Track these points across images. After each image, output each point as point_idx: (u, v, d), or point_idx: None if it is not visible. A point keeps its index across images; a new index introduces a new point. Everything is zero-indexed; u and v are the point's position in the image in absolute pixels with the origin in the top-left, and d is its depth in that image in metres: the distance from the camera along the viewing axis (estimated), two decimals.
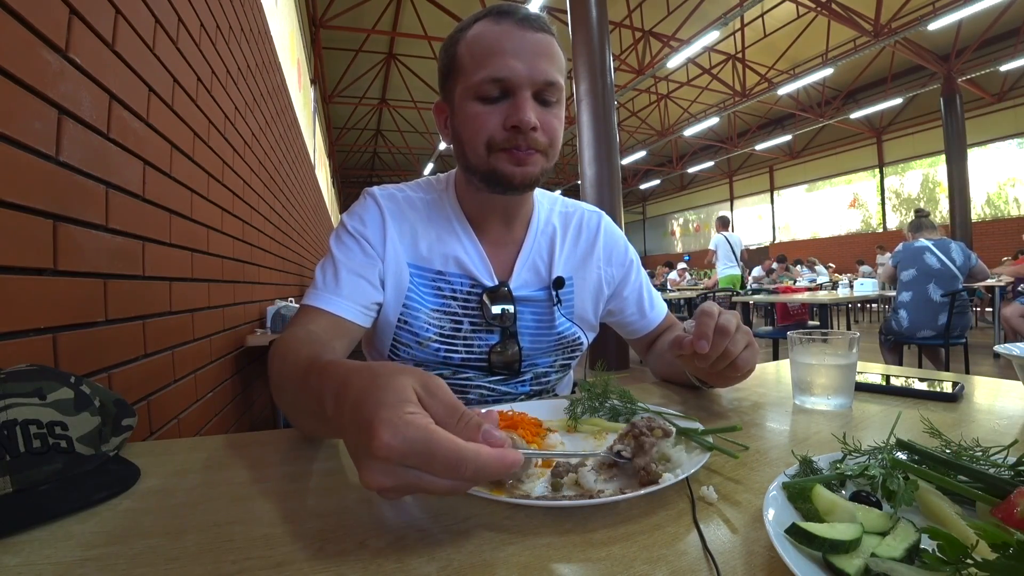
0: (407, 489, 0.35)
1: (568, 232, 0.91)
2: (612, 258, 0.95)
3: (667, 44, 10.54)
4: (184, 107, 1.52)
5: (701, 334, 0.62)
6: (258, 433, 0.65)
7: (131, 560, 0.35)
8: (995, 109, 12.19)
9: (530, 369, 0.88)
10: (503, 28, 0.72)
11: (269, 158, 2.95)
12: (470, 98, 0.72)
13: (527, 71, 0.70)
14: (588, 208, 0.97)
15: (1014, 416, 0.64)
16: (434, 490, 0.34)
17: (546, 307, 0.86)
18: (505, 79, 0.70)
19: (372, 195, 0.84)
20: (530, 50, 0.71)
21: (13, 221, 0.75)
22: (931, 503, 0.36)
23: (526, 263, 0.86)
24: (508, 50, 0.70)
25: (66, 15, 0.90)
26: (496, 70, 0.70)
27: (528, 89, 0.71)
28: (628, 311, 0.97)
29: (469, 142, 0.74)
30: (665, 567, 0.33)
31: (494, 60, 0.70)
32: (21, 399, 0.45)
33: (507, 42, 0.71)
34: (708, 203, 21.10)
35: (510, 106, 0.71)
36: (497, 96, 0.71)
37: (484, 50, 0.71)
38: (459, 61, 0.74)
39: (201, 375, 1.65)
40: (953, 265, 3.34)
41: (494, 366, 0.84)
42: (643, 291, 0.97)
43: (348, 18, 8.83)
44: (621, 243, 0.97)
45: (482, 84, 0.71)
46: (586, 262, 0.91)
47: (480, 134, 0.72)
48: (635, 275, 0.97)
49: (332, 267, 0.77)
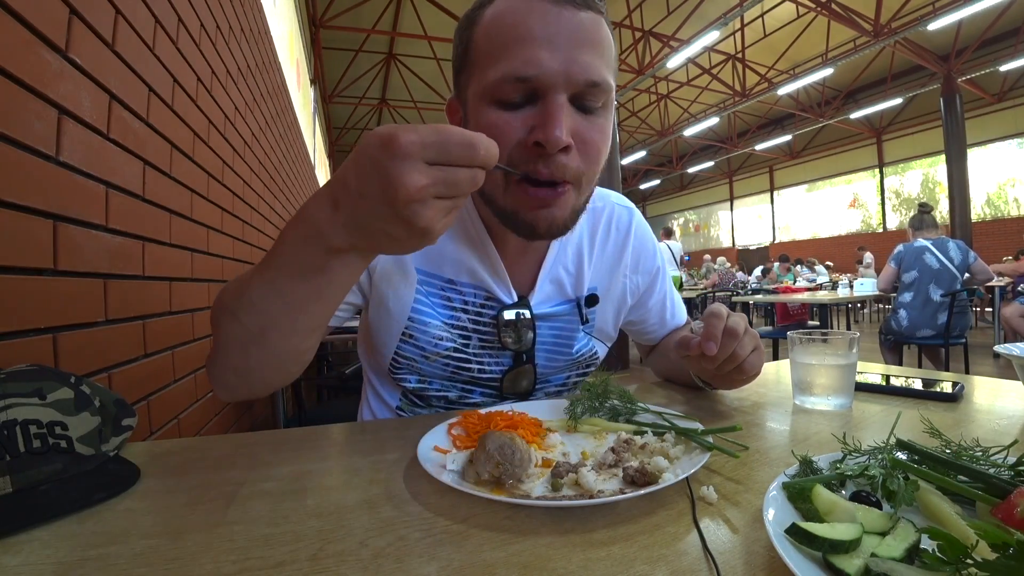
0: (438, 185, 0.35)
1: (597, 234, 0.79)
2: (640, 265, 0.84)
3: (667, 44, 10.54)
4: (184, 107, 1.52)
5: (710, 335, 0.59)
6: (258, 433, 0.65)
7: (131, 560, 0.35)
8: (995, 109, 12.19)
9: (541, 388, 0.81)
10: (534, 5, 0.53)
11: (269, 158, 2.95)
12: (486, 102, 0.56)
13: (562, 66, 0.52)
14: (620, 202, 0.83)
15: (1014, 416, 0.64)
16: (460, 179, 0.36)
17: (567, 321, 0.77)
18: (532, 78, 0.52)
19: None
20: (568, 35, 0.52)
21: (13, 221, 0.75)
22: (931, 503, 0.36)
23: (549, 274, 0.74)
24: (538, 35, 0.52)
25: (66, 15, 0.90)
26: (519, 66, 0.52)
27: (563, 92, 0.53)
28: (650, 321, 0.89)
29: None
30: (665, 567, 0.33)
31: (517, 50, 0.52)
32: (21, 399, 0.45)
33: (536, 23, 0.52)
34: (708, 203, 21.09)
35: (537, 114, 0.53)
36: (521, 100, 0.54)
37: (505, 36, 0.54)
38: (475, 50, 0.57)
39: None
40: (952, 264, 3.34)
41: (505, 391, 0.77)
42: (667, 300, 0.89)
43: (348, 18, 8.82)
44: (650, 247, 0.86)
45: (500, 84, 0.53)
46: (613, 271, 0.81)
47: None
48: (660, 283, 0.87)
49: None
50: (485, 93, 0.56)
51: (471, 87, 0.59)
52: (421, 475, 0.47)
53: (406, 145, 0.34)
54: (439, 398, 0.78)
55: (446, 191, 0.36)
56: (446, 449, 0.53)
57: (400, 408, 0.81)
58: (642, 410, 0.62)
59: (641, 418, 0.61)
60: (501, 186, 0.59)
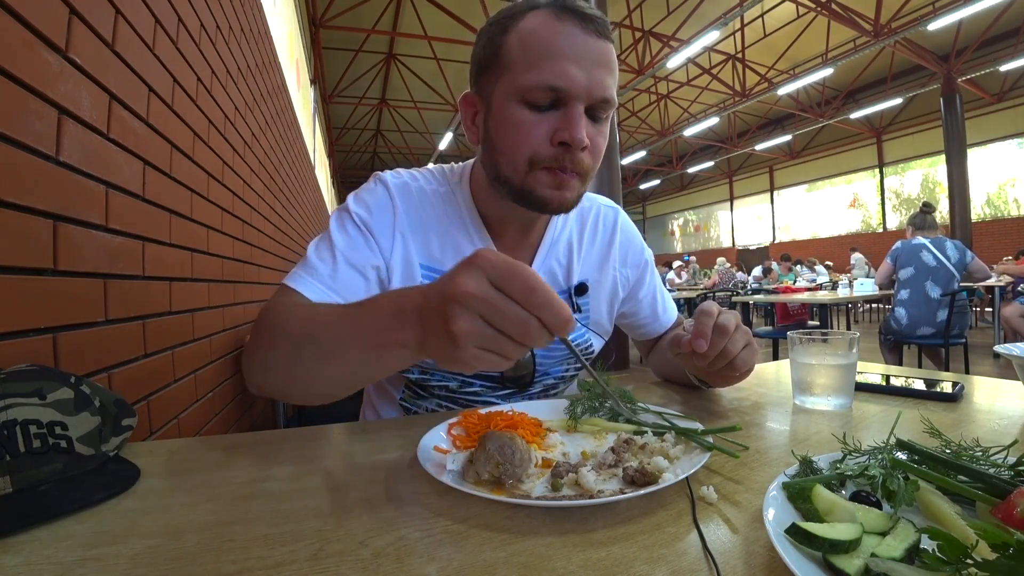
0: (492, 307, 0.39)
1: (585, 232, 0.86)
2: (628, 259, 0.90)
3: (667, 44, 10.53)
4: (184, 107, 1.52)
5: (699, 333, 0.61)
6: (258, 433, 0.65)
7: (131, 560, 0.35)
8: (995, 109, 12.18)
9: (540, 380, 0.85)
10: (566, 28, 0.63)
11: (269, 158, 2.95)
12: (516, 101, 0.64)
13: (587, 83, 0.62)
14: (605, 203, 0.91)
15: (1014, 416, 0.64)
16: (511, 314, 0.39)
17: None
18: (562, 89, 0.62)
19: (384, 182, 0.76)
20: (592, 59, 0.63)
21: (13, 221, 0.75)
22: (931, 503, 0.36)
23: (542, 268, 0.81)
24: (569, 55, 0.62)
25: (66, 15, 0.90)
26: (554, 77, 0.61)
27: (584, 103, 0.63)
28: (642, 314, 0.94)
29: (507, 152, 0.66)
30: (665, 567, 0.33)
31: (552, 64, 0.62)
32: (21, 399, 0.45)
33: (569, 45, 0.62)
34: (708, 203, 21.09)
35: (561, 119, 0.63)
36: (547, 104, 0.63)
37: (542, 49, 0.62)
38: (507, 54, 0.65)
39: (201, 375, 1.65)
40: (949, 262, 3.34)
41: (506, 380, 0.81)
42: (657, 294, 0.94)
43: (348, 18, 8.82)
44: (637, 243, 0.92)
45: (535, 89, 0.62)
46: (603, 265, 0.87)
47: (524, 146, 0.64)
48: (650, 276, 0.93)
49: (329, 253, 0.70)
50: (516, 93, 0.64)
51: (500, 86, 0.66)
52: (421, 475, 0.47)
53: (480, 260, 0.41)
54: (440, 388, 0.82)
55: (491, 309, 0.40)
56: (446, 449, 0.53)
57: (403, 399, 0.85)
58: (642, 410, 0.63)
59: (641, 418, 0.61)
60: (523, 171, 0.66)
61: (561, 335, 0.41)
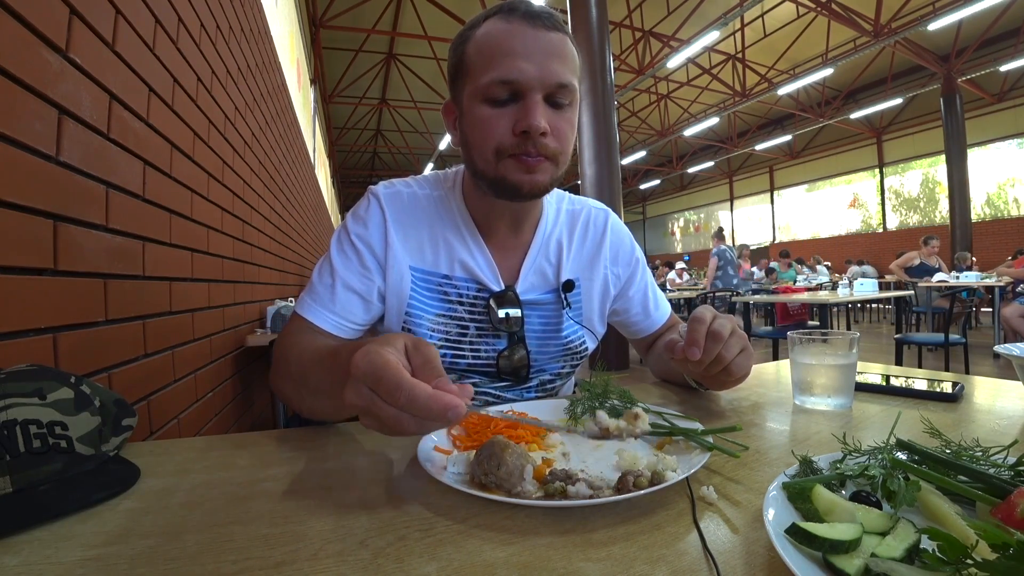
0: (369, 410, 0.41)
1: (575, 232, 0.89)
2: (619, 257, 0.93)
3: (667, 44, 10.54)
4: (184, 107, 1.52)
5: (692, 341, 0.62)
6: (258, 433, 0.65)
7: (131, 560, 0.35)
8: (995, 109, 12.17)
9: (537, 376, 0.87)
10: (513, 26, 0.69)
11: (269, 158, 2.95)
12: (478, 100, 0.70)
13: (537, 73, 0.67)
14: (595, 206, 0.95)
15: (1014, 416, 0.64)
16: (383, 415, 0.40)
17: (554, 310, 0.85)
18: (514, 81, 0.67)
19: (375, 195, 0.81)
20: (541, 50, 0.68)
21: (13, 221, 0.75)
22: (931, 503, 0.36)
23: (533, 266, 0.84)
24: (518, 50, 0.67)
25: (66, 15, 0.90)
26: (505, 72, 0.67)
27: (539, 92, 0.68)
28: (633, 311, 0.95)
29: (477, 147, 0.71)
30: (665, 567, 0.33)
31: (503, 61, 0.67)
32: (21, 399, 0.45)
33: (517, 42, 0.68)
34: (708, 203, 21.09)
35: (519, 109, 0.68)
36: (506, 98, 0.69)
37: (493, 50, 0.69)
38: (468, 61, 0.72)
39: (201, 375, 1.65)
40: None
41: (502, 371, 0.83)
42: (648, 291, 0.96)
43: (348, 18, 8.82)
44: (628, 242, 0.95)
45: (490, 86, 0.68)
46: (593, 263, 0.90)
47: (488, 139, 0.69)
48: (641, 275, 0.95)
49: (329, 276, 0.76)
50: (477, 93, 0.70)
51: (466, 90, 0.72)
52: (421, 475, 0.47)
53: (352, 367, 0.42)
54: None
55: (373, 414, 0.42)
56: (447, 450, 0.53)
57: None
58: (642, 410, 0.62)
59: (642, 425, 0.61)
60: (492, 162, 0.71)
61: (439, 425, 0.43)
